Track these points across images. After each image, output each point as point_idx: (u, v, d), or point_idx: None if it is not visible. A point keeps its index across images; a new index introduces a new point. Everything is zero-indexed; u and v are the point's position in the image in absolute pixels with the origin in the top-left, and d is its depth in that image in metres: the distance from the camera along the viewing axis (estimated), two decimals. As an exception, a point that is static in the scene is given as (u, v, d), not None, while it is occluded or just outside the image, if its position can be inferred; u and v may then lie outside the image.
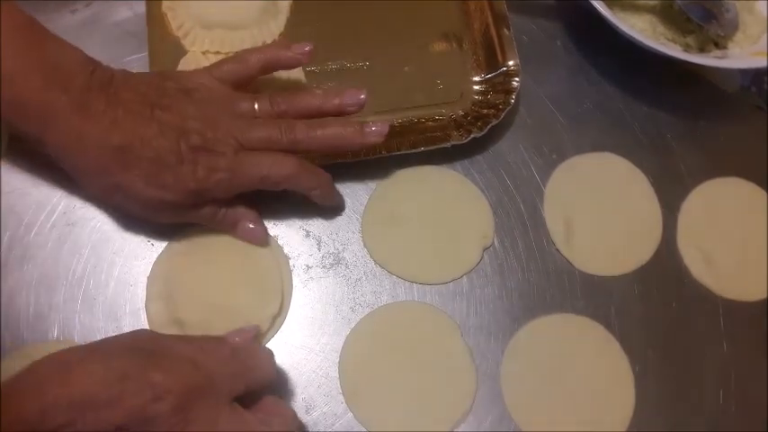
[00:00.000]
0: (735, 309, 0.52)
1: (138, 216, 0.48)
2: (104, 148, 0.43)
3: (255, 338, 0.46)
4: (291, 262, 0.51)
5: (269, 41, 0.56)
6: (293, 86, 0.54)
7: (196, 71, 0.49)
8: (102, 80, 0.44)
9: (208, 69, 0.49)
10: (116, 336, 0.41)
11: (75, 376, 0.36)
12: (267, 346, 0.48)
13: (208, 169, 0.45)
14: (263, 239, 0.50)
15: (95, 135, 0.43)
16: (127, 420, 0.36)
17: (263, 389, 0.43)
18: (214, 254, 0.49)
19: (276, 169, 0.46)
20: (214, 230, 0.50)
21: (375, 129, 0.48)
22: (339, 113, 0.49)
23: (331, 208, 0.52)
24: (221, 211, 0.48)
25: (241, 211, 0.49)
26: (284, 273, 0.50)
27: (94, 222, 0.51)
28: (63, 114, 0.43)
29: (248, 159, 0.46)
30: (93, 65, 0.45)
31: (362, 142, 0.48)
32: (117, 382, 0.36)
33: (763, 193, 0.55)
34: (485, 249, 0.52)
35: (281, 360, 0.48)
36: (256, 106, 0.48)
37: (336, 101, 0.49)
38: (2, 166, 0.51)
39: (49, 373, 0.36)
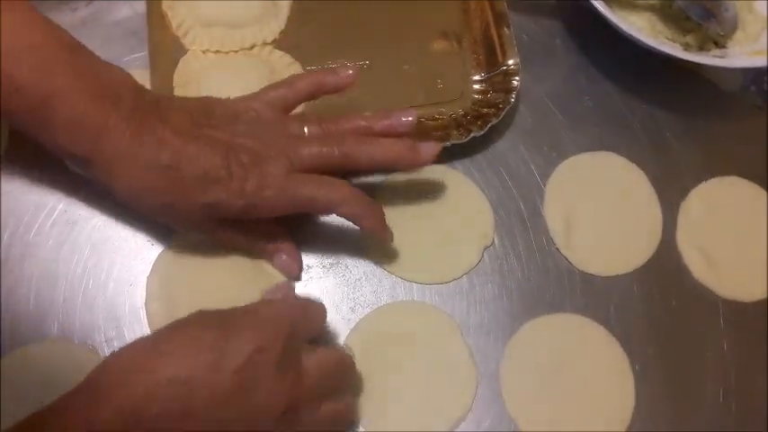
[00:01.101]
0: (735, 308, 0.51)
1: (187, 230, 0.49)
2: (153, 167, 0.43)
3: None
4: (291, 261, 0.51)
5: (269, 40, 0.56)
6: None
7: (242, 97, 0.48)
8: (151, 101, 0.45)
9: (255, 95, 0.48)
10: (174, 322, 0.39)
11: (164, 357, 0.36)
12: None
13: (257, 186, 0.44)
14: (297, 273, 0.50)
15: (145, 154, 0.43)
16: (236, 380, 0.35)
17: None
18: (214, 254, 0.49)
19: (326, 191, 0.46)
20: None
21: (427, 149, 0.48)
22: (388, 134, 0.49)
23: (379, 240, 0.50)
24: (262, 240, 0.49)
25: (280, 241, 0.49)
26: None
27: (94, 222, 0.51)
28: (114, 132, 0.42)
29: (300, 178, 0.46)
30: (141, 87, 0.45)
31: (413, 159, 0.48)
32: (212, 348, 0.36)
33: (763, 192, 0.55)
34: (485, 249, 0.52)
35: (281, 359, 0.48)
36: (306, 129, 0.48)
37: (386, 122, 0.49)
38: (2, 166, 0.51)
39: (131, 363, 0.36)
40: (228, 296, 0.47)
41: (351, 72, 0.49)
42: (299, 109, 0.51)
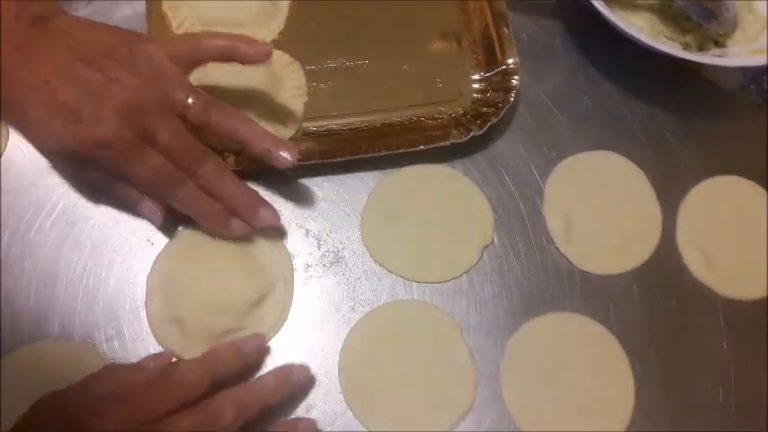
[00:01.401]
0: (734, 307, 0.51)
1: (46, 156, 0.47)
2: (15, 86, 0.43)
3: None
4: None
5: (269, 40, 0.56)
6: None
7: (152, 42, 0.48)
8: (37, 15, 0.44)
9: (161, 41, 0.48)
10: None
11: None
12: (268, 344, 0.48)
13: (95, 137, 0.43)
14: (158, 219, 0.48)
15: (8, 67, 0.43)
16: None
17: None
18: (214, 252, 0.49)
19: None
20: (214, 231, 0.50)
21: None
22: (265, 157, 0.47)
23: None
24: (119, 182, 0.47)
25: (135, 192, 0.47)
26: (286, 271, 0.50)
27: (94, 221, 0.51)
28: None
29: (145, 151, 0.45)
30: (28, 2, 0.44)
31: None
32: None
33: (763, 191, 0.55)
34: (484, 248, 0.52)
35: (282, 359, 0.48)
36: (190, 100, 0.46)
37: (267, 145, 0.47)
38: (2, 165, 0.51)
39: None
40: (227, 294, 0.48)
41: (267, 49, 0.48)
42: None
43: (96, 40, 0.45)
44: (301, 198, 0.53)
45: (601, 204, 0.54)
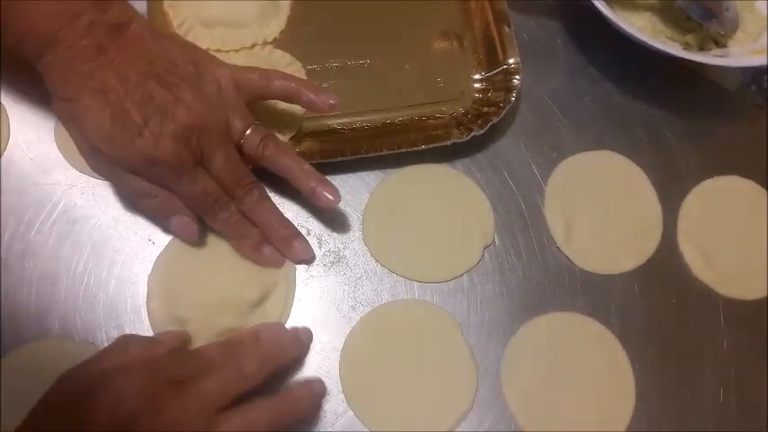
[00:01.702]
0: (735, 307, 0.51)
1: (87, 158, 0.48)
2: (82, 90, 0.44)
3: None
4: (292, 260, 0.51)
5: (269, 40, 0.56)
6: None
7: (222, 66, 0.48)
8: (115, 23, 0.45)
9: (233, 67, 0.48)
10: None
11: None
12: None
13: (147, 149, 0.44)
14: (192, 238, 0.49)
15: (77, 75, 0.44)
16: None
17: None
18: (215, 252, 0.49)
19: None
20: (216, 231, 0.50)
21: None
22: (309, 196, 0.49)
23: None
24: (162, 194, 0.47)
25: (179, 204, 0.48)
26: (287, 271, 0.50)
27: (95, 221, 0.51)
28: (61, 45, 0.43)
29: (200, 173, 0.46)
30: (107, 5, 0.45)
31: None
32: None
33: (763, 191, 0.55)
34: (485, 247, 0.52)
35: (282, 358, 0.48)
36: (248, 132, 0.48)
37: (312, 184, 0.48)
38: (2, 165, 0.51)
39: None
40: (228, 294, 0.48)
41: (332, 102, 0.49)
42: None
43: (169, 55, 0.46)
44: (302, 197, 0.53)
45: (601, 204, 0.54)
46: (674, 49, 0.55)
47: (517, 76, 0.54)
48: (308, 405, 0.46)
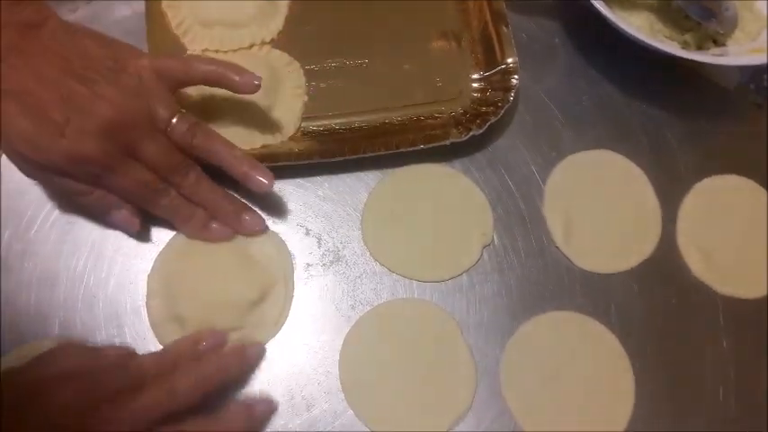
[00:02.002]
0: (734, 306, 0.51)
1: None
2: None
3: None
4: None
5: (268, 40, 0.56)
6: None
7: (142, 57, 0.47)
8: (28, 23, 0.44)
9: (152, 57, 0.48)
10: None
11: None
12: (267, 346, 0.48)
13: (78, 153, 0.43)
14: (134, 229, 0.48)
15: None
16: None
17: None
18: (214, 252, 0.49)
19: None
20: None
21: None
22: (242, 180, 0.48)
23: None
24: (97, 191, 0.46)
25: (115, 199, 0.47)
26: (286, 270, 0.50)
27: (95, 220, 0.51)
28: None
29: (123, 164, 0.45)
30: (21, 6, 0.44)
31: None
32: None
33: (762, 190, 0.55)
34: (484, 247, 0.52)
35: (282, 358, 0.48)
36: (174, 120, 0.47)
37: (244, 168, 0.48)
38: (2, 165, 0.51)
39: None
40: (228, 293, 0.48)
41: (256, 82, 0.48)
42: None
43: (86, 51, 0.45)
44: (301, 197, 0.53)
45: (601, 203, 0.54)
46: (673, 49, 0.55)
47: (515, 76, 0.54)
48: (244, 429, 0.45)
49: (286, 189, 0.53)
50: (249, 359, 0.47)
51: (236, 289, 0.48)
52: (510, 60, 0.55)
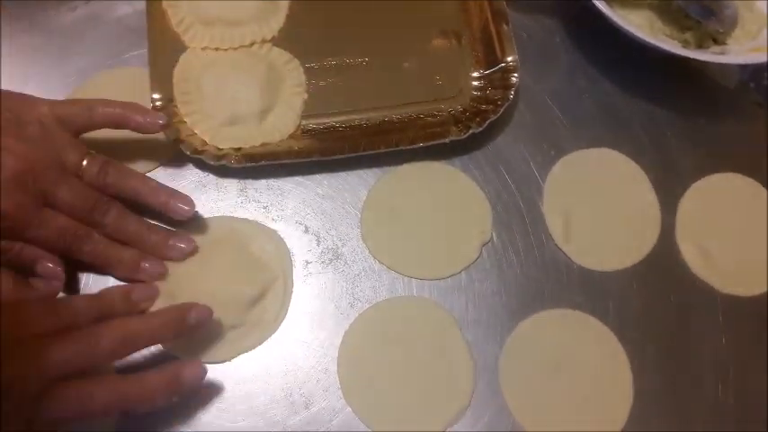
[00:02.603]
0: (733, 303, 0.51)
1: None
2: None
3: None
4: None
5: (268, 38, 0.56)
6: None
7: (40, 102, 0.47)
8: None
9: (52, 103, 0.47)
10: None
11: None
12: (266, 343, 0.48)
13: None
14: (60, 281, 0.46)
15: None
16: None
17: None
18: (213, 249, 0.50)
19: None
20: (214, 228, 0.50)
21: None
22: (163, 210, 0.48)
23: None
24: (16, 246, 0.44)
25: (38, 251, 0.45)
26: (286, 267, 0.50)
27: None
28: None
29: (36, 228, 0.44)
30: None
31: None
32: None
33: (762, 188, 0.55)
34: (483, 245, 0.52)
35: (281, 355, 0.48)
36: (85, 163, 0.46)
37: (163, 198, 0.48)
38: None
39: None
40: (227, 291, 0.48)
41: (160, 122, 0.48)
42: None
43: None
44: (301, 195, 0.53)
45: (600, 201, 0.54)
46: (673, 47, 0.55)
47: (515, 74, 0.55)
48: (166, 395, 0.42)
49: (285, 187, 0.53)
50: (184, 326, 0.44)
51: (236, 286, 0.48)
52: (510, 59, 0.55)
